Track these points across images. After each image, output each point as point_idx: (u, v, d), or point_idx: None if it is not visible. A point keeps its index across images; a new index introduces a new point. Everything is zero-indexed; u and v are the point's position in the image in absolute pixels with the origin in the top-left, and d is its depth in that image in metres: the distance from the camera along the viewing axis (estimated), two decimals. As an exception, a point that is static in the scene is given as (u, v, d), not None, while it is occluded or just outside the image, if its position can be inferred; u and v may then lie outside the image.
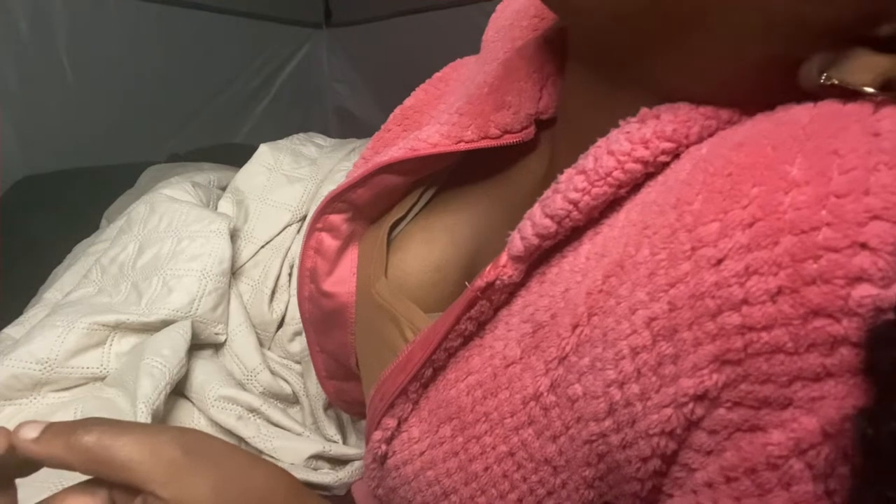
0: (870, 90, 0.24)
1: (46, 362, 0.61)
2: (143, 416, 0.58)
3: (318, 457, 0.68)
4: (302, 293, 0.50)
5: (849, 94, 0.25)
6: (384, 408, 0.37)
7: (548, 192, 0.31)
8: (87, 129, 1.32)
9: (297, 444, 0.67)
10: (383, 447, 0.38)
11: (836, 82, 0.25)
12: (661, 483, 0.26)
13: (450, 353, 0.35)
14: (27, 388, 0.61)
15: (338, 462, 0.69)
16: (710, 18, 0.26)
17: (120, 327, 0.66)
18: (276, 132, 1.12)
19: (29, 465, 0.32)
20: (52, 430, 0.30)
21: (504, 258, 0.32)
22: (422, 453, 0.35)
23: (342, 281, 0.48)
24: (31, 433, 0.30)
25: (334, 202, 0.45)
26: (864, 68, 0.25)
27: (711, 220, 0.25)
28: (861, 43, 0.25)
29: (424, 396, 0.36)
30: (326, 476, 0.67)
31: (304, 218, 0.86)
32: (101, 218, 1.05)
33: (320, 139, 1.02)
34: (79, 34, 1.30)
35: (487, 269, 0.32)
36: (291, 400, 0.75)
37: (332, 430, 0.72)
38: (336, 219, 0.46)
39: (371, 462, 0.39)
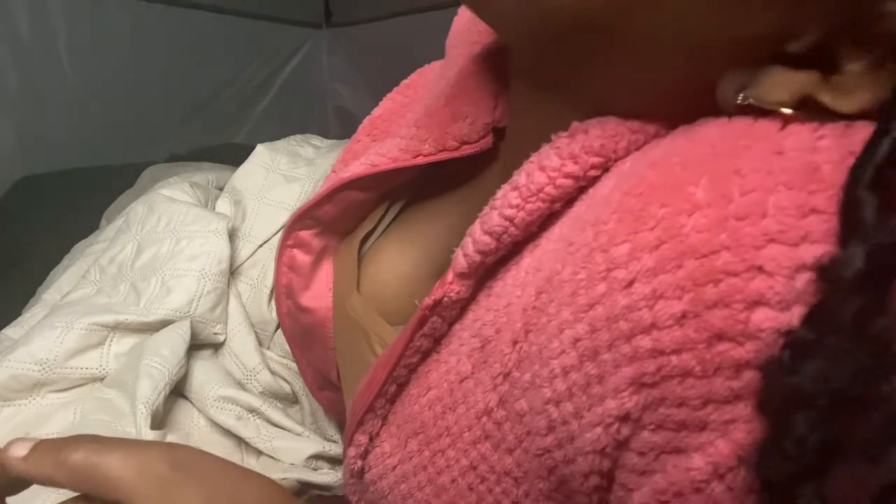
0: (787, 111, 0.24)
1: (45, 363, 0.61)
2: (143, 417, 0.58)
3: (317, 457, 0.67)
4: (281, 309, 0.50)
5: (764, 111, 0.25)
6: (355, 424, 0.37)
7: (486, 209, 0.31)
8: (87, 129, 1.32)
9: (297, 444, 0.67)
10: (359, 462, 0.38)
11: (753, 101, 0.25)
12: (608, 499, 0.26)
13: (410, 368, 0.35)
14: (26, 388, 0.61)
15: (338, 462, 0.69)
16: (625, 39, 0.26)
17: (119, 328, 0.66)
18: (276, 132, 1.12)
19: (18, 484, 0.32)
20: (41, 447, 0.30)
21: (450, 275, 0.32)
22: (394, 467, 0.35)
23: (319, 296, 0.48)
24: (19, 451, 0.30)
25: (302, 219, 0.45)
26: (779, 86, 0.25)
27: (623, 241, 0.25)
28: (775, 60, 0.25)
29: (392, 412, 0.36)
30: (326, 476, 0.67)
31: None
32: (101, 218, 1.05)
33: (317, 140, 1.01)
34: (79, 34, 1.30)
35: (436, 286, 0.32)
36: (291, 399, 0.75)
37: (331, 430, 0.72)
38: (306, 235, 0.46)
39: (350, 478, 0.39)
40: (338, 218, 0.45)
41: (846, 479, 0.20)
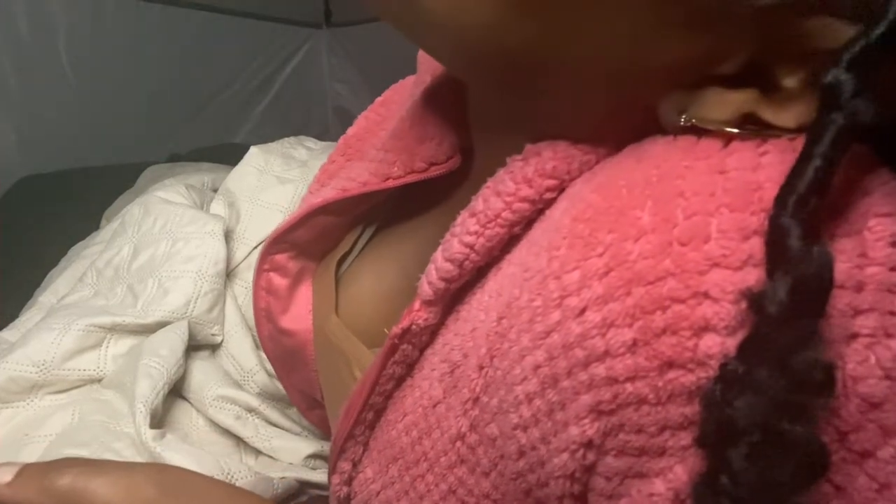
0: (732, 130, 0.24)
1: (43, 364, 0.61)
2: (142, 416, 0.58)
3: (316, 456, 0.68)
4: (262, 333, 0.50)
5: (708, 131, 0.25)
6: (337, 452, 0.37)
7: (447, 236, 0.31)
8: (87, 129, 1.33)
9: (296, 444, 0.67)
10: (344, 489, 0.38)
11: (695, 122, 0.25)
12: None
13: (385, 395, 0.35)
14: (24, 390, 0.61)
15: (336, 462, 0.69)
16: (547, 70, 0.26)
17: (116, 329, 0.66)
18: (276, 132, 1.12)
19: None
20: (26, 473, 0.30)
21: (417, 303, 0.32)
22: (378, 493, 0.35)
23: (299, 318, 0.47)
24: (4, 476, 0.30)
25: (277, 243, 0.45)
26: (718, 105, 0.25)
27: (573, 268, 0.24)
28: (711, 82, 0.25)
29: (372, 438, 0.36)
30: (325, 475, 0.67)
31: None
32: (101, 218, 1.05)
33: (311, 142, 1.01)
34: (79, 34, 1.30)
35: (404, 314, 0.32)
36: (288, 401, 0.75)
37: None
38: (281, 258, 0.46)
39: None
40: (313, 241, 0.45)
41: None
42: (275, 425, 0.69)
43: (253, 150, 0.90)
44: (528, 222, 0.30)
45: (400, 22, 0.28)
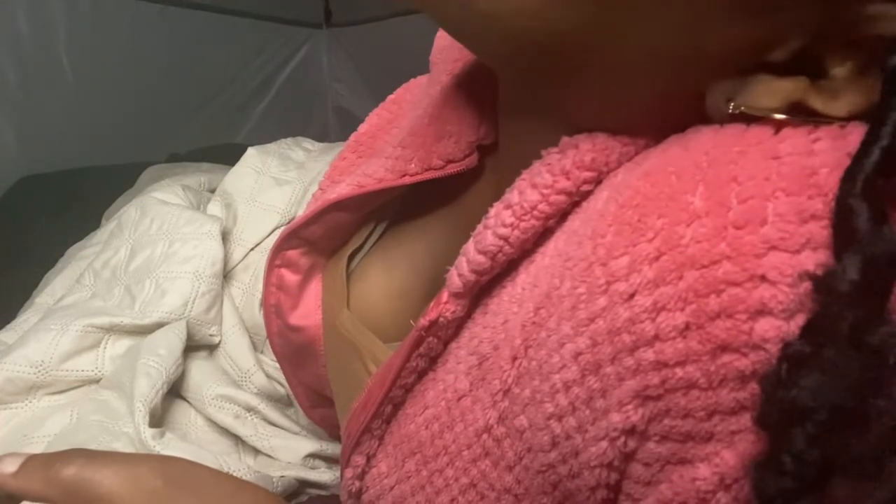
0: (780, 116, 0.24)
1: (41, 365, 0.61)
2: (141, 415, 0.58)
3: (314, 455, 0.68)
4: (270, 329, 0.50)
5: (756, 118, 0.25)
6: (352, 445, 0.37)
7: (479, 228, 0.31)
8: (87, 129, 1.33)
9: (295, 443, 0.67)
10: (357, 483, 0.38)
11: (744, 109, 0.25)
12: None
13: (406, 388, 0.35)
14: (22, 391, 0.61)
15: (334, 461, 0.69)
16: (597, 58, 0.26)
17: (114, 330, 0.66)
18: (276, 132, 1.12)
19: (9, 501, 0.32)
20: (31, 463, 0.30)
21: (445, 295, 0.32)
22: (391, 488, 0.35)
23: (308, 314, 0.48)
24: (9, 467, 0.30)
25: (289, 239, 0.45)
26: (767, 93, 0.24)
27: (622, 254, 0.24)
28: (760, 69, 0.25)
29: (388, 432, 0.36)
30: (324, 475, 0.67)
31: (293, 220, 0.85)
32: (101, 218, 1.05)
33: (308, 143, 1.02)
34: (79, 34, 1.30)
35: (430, 306, 0.32)
36: (286, 402, 0.75)
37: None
38: (293, 254, 0.46)
39: (347, 498, 0.39)
40: (324, 237, 0.45)
41: (844, 496, 0.19)
42: (274, 424, 0.69)
43: (250, 151, 0.90)
44: (562, 215, 0.30)
45: (446, 13, 0.28)
